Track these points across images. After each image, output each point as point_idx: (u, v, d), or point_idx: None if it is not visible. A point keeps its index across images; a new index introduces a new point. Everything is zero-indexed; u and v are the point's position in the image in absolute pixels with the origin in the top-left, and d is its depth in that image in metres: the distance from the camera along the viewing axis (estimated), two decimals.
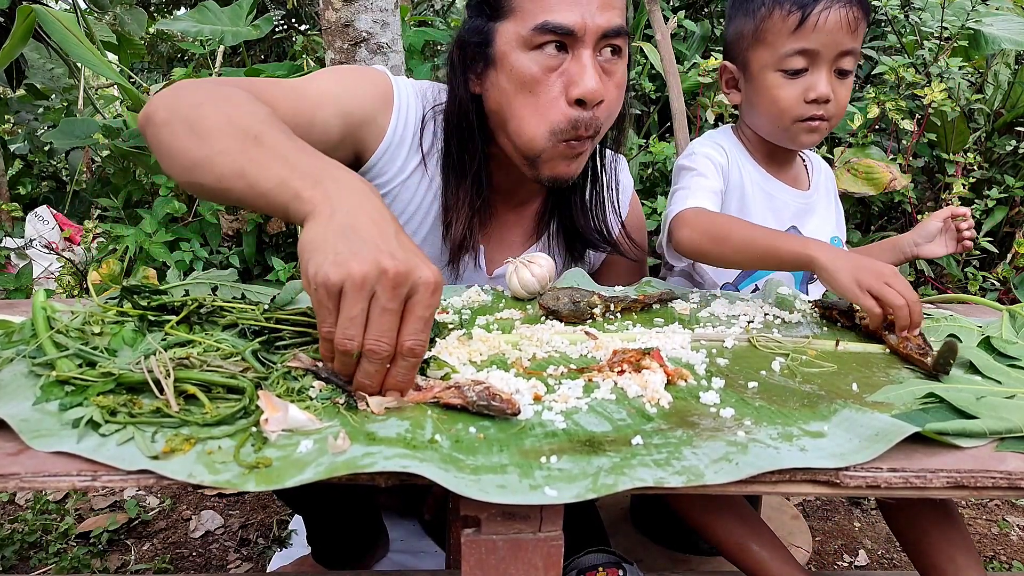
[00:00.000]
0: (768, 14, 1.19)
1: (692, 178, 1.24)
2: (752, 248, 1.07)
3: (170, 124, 0.88)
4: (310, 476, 0.58)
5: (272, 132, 0.84)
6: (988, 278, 2.52)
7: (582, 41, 1.06)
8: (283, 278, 2.39)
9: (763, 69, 1.22)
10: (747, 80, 1.27)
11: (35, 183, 3.65)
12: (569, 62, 1.07)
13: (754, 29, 1.22)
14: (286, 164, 0.79)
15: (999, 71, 2.83)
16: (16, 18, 2.63)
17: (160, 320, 0.83)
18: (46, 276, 2.69)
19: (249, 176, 0.79)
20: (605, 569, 0.97)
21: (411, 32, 2.87)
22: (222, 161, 0.82)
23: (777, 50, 1.19)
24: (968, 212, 1.31)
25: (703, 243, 1.12)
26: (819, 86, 1.18)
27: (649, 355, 0.83)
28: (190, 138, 0.86)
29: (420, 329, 0.69)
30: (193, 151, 0.85)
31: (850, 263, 0.98)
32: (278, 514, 1.84)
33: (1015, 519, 1.95)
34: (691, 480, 0.61)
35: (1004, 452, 0.69)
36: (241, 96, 0.92)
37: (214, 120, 0.85)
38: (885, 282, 0.95)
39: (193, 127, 0.86)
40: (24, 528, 1.74)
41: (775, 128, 1.26)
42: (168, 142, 0.88)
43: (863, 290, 0.95)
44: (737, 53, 1.27)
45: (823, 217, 1.40)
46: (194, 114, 0.87)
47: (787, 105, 1.21)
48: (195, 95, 0.90)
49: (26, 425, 0.64)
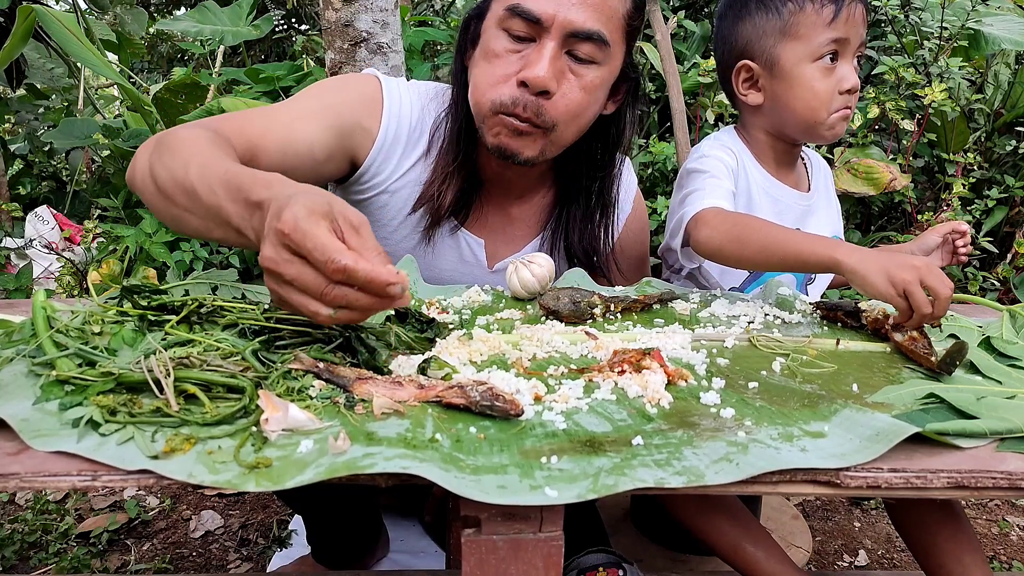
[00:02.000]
0: (799, 8, 1.20)
1: (706, 179, 1.23)
2: (775, 249, 1.05)
3: (148, 189, 0.97)
4: (310, 477, 0.58)
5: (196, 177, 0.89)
6: (988, 278, 2.52)
7: (548, 32, 1.08)
8: None
9: (799, 63, 1.21)
10: (775, 77, 1.25)
11: (35, 183, 3.65)
12: (531, 49, 1.10)
13: (783, 25, 1.21)
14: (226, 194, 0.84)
15: (999, 71, 2.83)
16: (16, 18, 2.63)
17: (160, 320, 0.83)
18: (46, 276, 2.69)
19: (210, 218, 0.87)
20: (605, 569, 0.97)
21: (411, 32, 2.87)
22: (187, 219, 0.91)
23: (812, 42, 1.20)
24: (968, 230, 1.31)
25: (724, 243, 1.11)
26: (851, 76, 1.21)
27: (649, 355, 0.83)
28: (161, 200, 0.94)
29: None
30: (169, 210, 0.94)
31: (879, 262, 0.94)
32: (278, 514, 1.84)
33: (1015, 519, 1.95)
34: (692, 480, 0.61)
35: (1004, 452, 0.69)
36: (188, 141, 0.96)
37: (165, 178, 0.93)
38: (920, 278, 0.92)
39: (158, 189, 0.94)
40: (24, 528, 1.74)
41: (811, 122, 1.24)
42: (153, 204, 0.98)
43: (899, 290, 0.92)
44: (760, 51, 1.25)
45: (824, 217, 1.40)
46: (155, 173, 0.95)
47: (826, 97, 1.22)
48: (154, 153, 0.97)
49: (26, 425, 0.64)
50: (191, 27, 3.11)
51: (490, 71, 1.12)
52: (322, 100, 1.17)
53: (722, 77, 1.36)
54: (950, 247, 1.32)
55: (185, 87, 2.98)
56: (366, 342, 0.83)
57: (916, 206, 2.57)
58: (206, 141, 0.97)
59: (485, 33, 1.14)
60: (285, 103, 1.17)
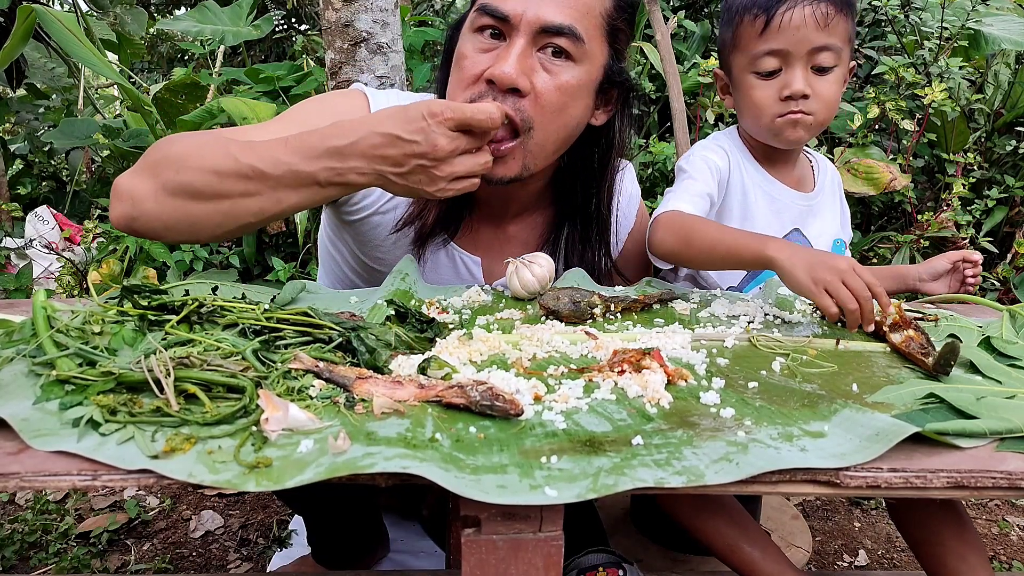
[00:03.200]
0: (740, 20, 1.23)
1: (682, 182, 1.27)
2: (715, 249, 1.09)
3: (169, 203, 0.96)
4: (310, 476, 0.58)
5: (254, 150, 0.95)
6: (988, 278, 2.52)
7: (517, 30, 1.06)
8: (283, 278, 2.39)
9: (741, 73, 1.26)
10: (733, 85, 1.31)
11: (35, 183, 3.65)
12: (501, 48, 1.07)
13: (732, 36, 1.26)
14: (291, 156, 0.92)
15: (999, 71, 2.83)
16: (16, 18, 2.63)
17: (160, 320, 0.83)
18: (46, 276, 2.69)
19: (286, 195, 0.94)
20: (605, 569, 0.97)
21: (411, 32, 2.87)
22: (245, 204, 0.94)
23: (749, 53, 1.23)
24: (979, 259, 1.31)
25: (674, 245, 1.14)
26: (793, 83, 1.21)
27: (649, 355, 0.83)
28: (200, 204, 0.95)
29: None
30: (212, 214, 0.95)
31: (806, 259, 0.97)
32: (278, 514, 1.84)
33: (1015, 519, 1.95)
34: (691, 480, 0.61)
35: (1004, 452, 0.69)
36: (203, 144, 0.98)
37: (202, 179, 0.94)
38: (842, 279, 0.95)
39: (193, 194, 0.95)
40: (24, 528, 1.74)
41: (760, 128, 1.29)
42: (184, 216, 0.96)
43: (819, 288, 0.95)
44: (724, 61, 1.32)
45: (828, 219, 1.40)
46: (182, 181, 0.95)
47: (764, 104, 1.24)
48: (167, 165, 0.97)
49: (26, 425, 0.64)
50: (191, 27, 3.11)
51: (459, 74, 1.10)
52: (307, 124, 1.08)
53: None
54: (960, 275, 1.32)
55: (185, 87, 2.98)
56: (366, 342, 0.83)
57: (916, 206, 2.57)
58: (212, 137, 0.98)
59: (460, 39, 1.13)
60: (263, 126, 1.11)
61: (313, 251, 2.66)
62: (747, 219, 1.31)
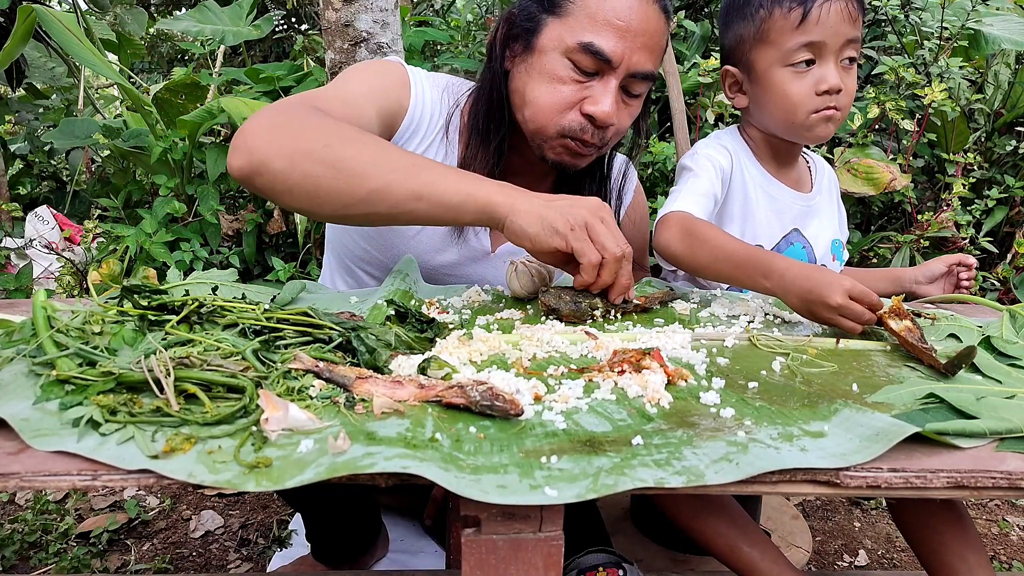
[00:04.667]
0: (768, 14, 1.21)
1: (687, 180, 1.26)
2: (717, 265, 1.10)
3: (305, 169, 0.98)
4: (310, 476, 0.58)
5: (414, 156, 1.03)
6: (988, 278, 2.52)
7: (614, 71, 1.16)
8: (283, 278, 2.39)
9: (770, 67, 1.23)
10: (753, 82, 1.28)
11: (35, 183, 3.66)
12: (596, 81, 1.17)
13: (755, 31, 1.24)
14: (459, 180, 0.99)
15: (999, 71, 2.83)
16: (16, 18, 2.63)
17: (160, 320, 0.83)
18: (46, 276, 2.69)
19: (429, 197, 0.98)
20: (605, 569, 0.97)
21: (411, 32, 2.87)
22: (394, 191, 0.98)
23: (782, 46, 1.21)
24: (974, 263, 1.33)
25: (679, 249, 1.14)
26: (829, 77, 1.20)
27: (649, 355, 0.83)
28: (343, 178, 0.98)
29: (619, 235, 1.00)
30: (355, 189, 0.98)
31: (802, 289, 0.98)
32: (278, 514, 1.84)
33: (1015, 519, 1.95)
34: (692, 480, 0.61)
35: (1004, 452, 0.69)
36: (348, 128, 1.04)
37: (358, 158, 0.99)
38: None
39: (339, 169, 0.98)
40: (24, 528, 1.74)
41: (790, 124, 1.26)
42: (313, 186, 0.98)
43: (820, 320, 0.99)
44: (739, 57, 1.29)
45: (825, 219, 1.41)
46: (331, 156, 0.98)
47: (800, 99, 1.22)
48: (306, 135, 1.00)
49: (26, 424, 0.64)
50: (191, 27, 3.11)
51: (555, 95, 1.17)
52: (370, 84, 1.22)
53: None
54: (954, 278, 1.35)
55: (185, 87, 2.98)
56: (366, 342, 0.83)
57: (916, 206, 2.57)
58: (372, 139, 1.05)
59: (544, 54, 1.18)
60: (343, 91, 1.19)
61: (313, 251, 2.66)
62: (748, 219, 1.31)
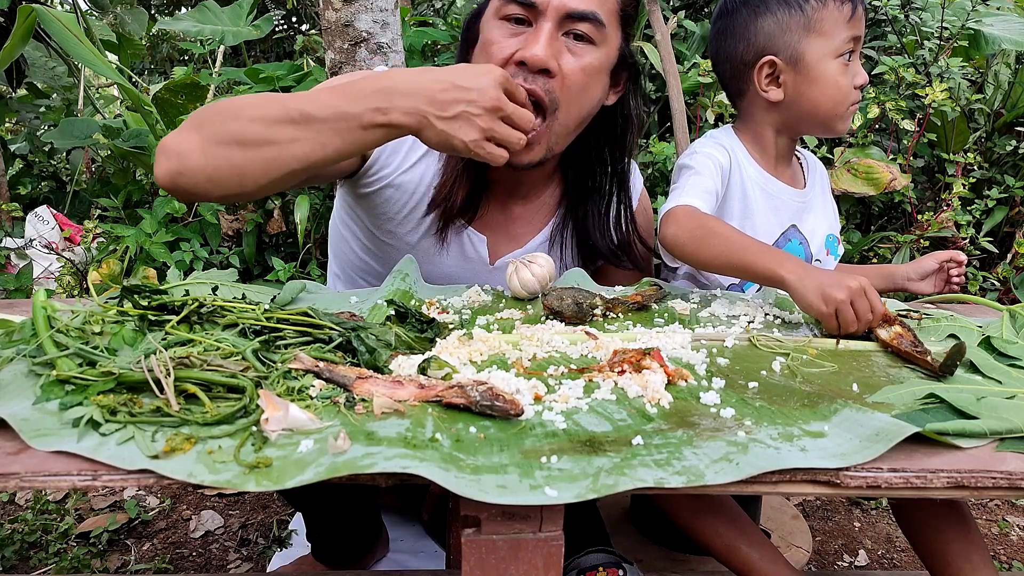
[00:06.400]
0: (823, 5, 1.23)
1: (690, 177, 1.25)
2: (730, 256, 1.08)
3: (216, 154, 0.97)
4: (310, 476, 0.58)
5: (297, 97, 0.99)
6: (988, 278, 2.51)
7: (543, 15, 1.11)
8: (283, 278, 2.39)
9: (823, 59, 1.24)
10: (799, 72, 1.25)
11: (35, 183, 3.65)
12: (529, 32, 1.12)
13: (807, 21, 1.24)
14: (332, 97, 0.97)
15: (999, 71, 2.82)
16: (16, 18, 2.63)
17: (160, 320, 0.83)
18: (46, 276, 2.69)
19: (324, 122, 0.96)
20: (605, 569, 0.97)
21: (411, 32, 2.87)
22: (291, 149, 0.96)
23: (835, 39, 1.23)
24: (964, 259, 1.36)
25: (687, 243, 1.13)
26: (862, 72, 1.26)
27: (649, 355, 0.83)
28: (252, 149, 0.96)
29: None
30: (266, 154, 0.96)
31: (817, 281, 0.99)
32: (278, 514, 1.84)
33: (1015, 519, 1.95)
34: (692, 480, 0.61)
35: (1004, 452, 0.69)
36: (242, 98, 1.01)
37: (256, 124, 0.96)
38: (851, 299, 0.97)
39: (245, 141, 0.96)
40: (24, 528, 1.74)
41: (833, 116, 1.28)
42: (230, 167, 0.97)
43: (831, 309, 0.98)
44: (784, 47, 1.25)
45: (820, 215, 1.41)
46: (233, 131, 0.97)
47: (846, 92, 1.26)
48: (211, 123, 0.99)
49: (26, 424, 0.64)
50: (191, 27, 3.11)
51: (487, 59, 1.14)
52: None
53: (729, 74, 1.34)
54: (945, 275, 1.37)
55: (185, 87, 2.97)
56: (366, 342, 0.83)
57: (916, 206, 2.57)
58: (259, 94, 1.03)
59: (483, 27, 1.17)
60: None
61: (313, 251, 2.66)
62: (747, 217, 1.31)
